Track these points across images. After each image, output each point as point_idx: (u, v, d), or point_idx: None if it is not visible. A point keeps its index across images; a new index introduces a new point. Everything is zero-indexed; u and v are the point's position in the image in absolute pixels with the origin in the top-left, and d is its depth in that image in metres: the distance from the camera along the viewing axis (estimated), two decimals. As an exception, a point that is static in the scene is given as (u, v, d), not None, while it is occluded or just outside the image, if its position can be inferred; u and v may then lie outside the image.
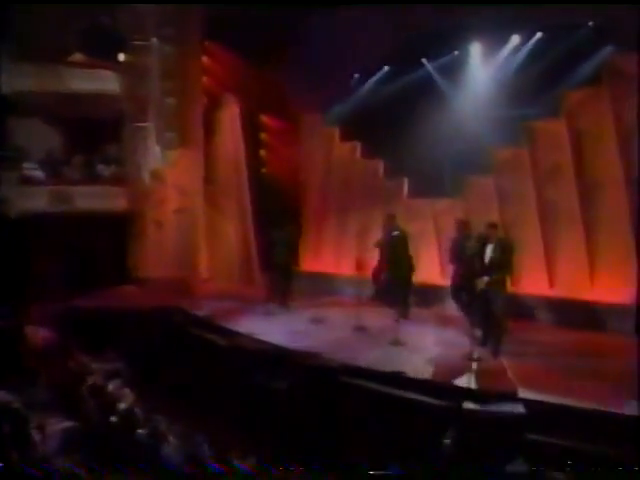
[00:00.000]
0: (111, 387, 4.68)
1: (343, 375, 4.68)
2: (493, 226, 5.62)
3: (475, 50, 8.50)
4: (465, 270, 5.95)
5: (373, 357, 5.41)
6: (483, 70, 8.57)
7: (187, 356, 5.83)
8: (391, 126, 9.04)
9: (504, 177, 7.42)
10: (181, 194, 10.02)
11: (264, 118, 11.04)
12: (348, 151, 9.45)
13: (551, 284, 7.02)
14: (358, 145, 9.37)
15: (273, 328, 6.66)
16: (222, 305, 8.11)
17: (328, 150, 9.67)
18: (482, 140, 7.85)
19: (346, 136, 9.56)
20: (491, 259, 5.35)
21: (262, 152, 11.16)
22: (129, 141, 10.07)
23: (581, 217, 6.78)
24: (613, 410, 3.81)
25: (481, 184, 7.63)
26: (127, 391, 4.59)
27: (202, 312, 7.30)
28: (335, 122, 9.72)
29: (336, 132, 9.67)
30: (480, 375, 4.59)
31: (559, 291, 6.87)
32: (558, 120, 6.99)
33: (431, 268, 7.97)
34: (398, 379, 4.34)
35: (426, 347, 5.73)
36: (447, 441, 3.47)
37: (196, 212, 10.16)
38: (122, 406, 4.11)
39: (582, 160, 6.81)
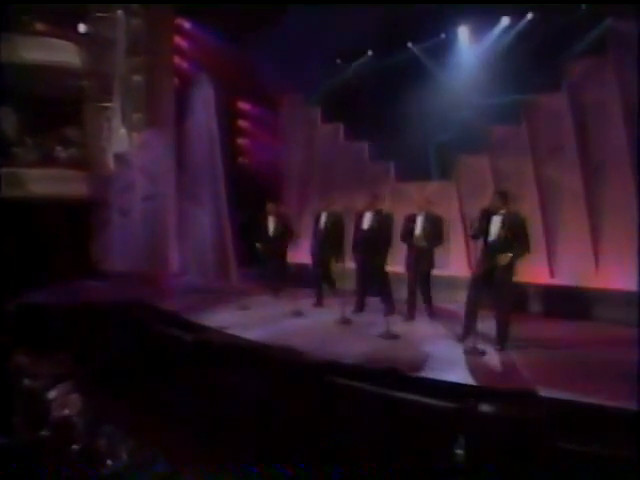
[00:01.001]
0: (54, 393, 3.91)
1: (328, 374, 3.99)
2: (502, 196, 4.77)
3: (464, 31, 8.00)
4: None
5: (361, 352, 4.74)
6: (473, 49, 8.04)
7: (149, 356, 5.06)
8: (376, 107, 8.43)
9: (501, 157, 6.85)
10: (149, 180, 9.19)
11: (242, 104, 10.33)
12: (330, 133, 8.78)
13: (552, 272, 6.47)
14: (341, 127, 8.72)
15: (249, 323, 5.94)
16: (193, 300, 7.34)
17: (309, 132, 8.98)
18: (476, 120, 7.32)
19: (328, 117, 8.89)
20: (497, 237, 4.68)
21: (240, 139, 10.44)
22: (91, 122, 9.20)
23: (585, 200, 6.25)
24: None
25: (475, 165, 7.05)
26: (74, 397, 3.83)
27: (170, 308, 6.52)
28: (317, 103, 9.03)
29: (318, 113, 9.00)
30: (487, 371, 3.97)
31: (561, 280, 6.32)
32: (559, 94, 6.45)
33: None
34: (393, 377, 3.67)
35: (422, 340, 5.07)
36: (459, 452, 2.82)
37: (166, 200, 9.34)
38: (59, 415, 3.36)
39: (586, 138, 6.29)
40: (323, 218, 6.69)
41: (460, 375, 4.03)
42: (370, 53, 8.96)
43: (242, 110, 10.40)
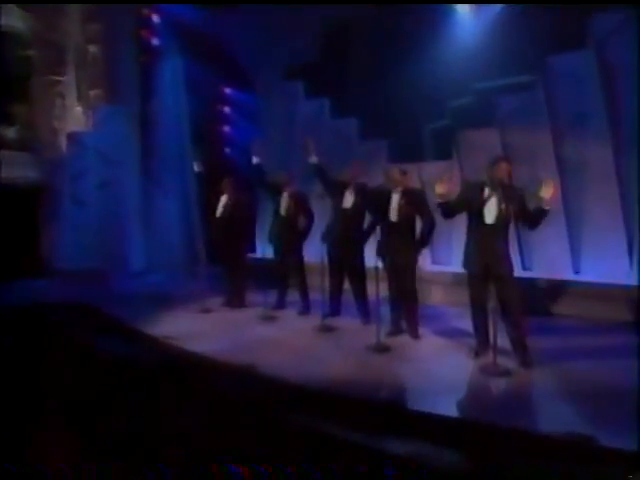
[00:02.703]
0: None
1: (302, 411, 2.85)
2: (502, 163, 3.65)
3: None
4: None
5: (347, 374, 3.62)
6: (478, 15, 6.95)
7: (67, 370, 3.90)
8: (366, 79, 7.32)
9: (512, 130, 5.76)
10: (107, 165, 8.04)
11: (220, 87, 9.20)
12: (315, 109, 7.66)
13: (576, 267, 5.39)
14: (326, 102, 7.61)
15: (207, 330, 4.82)
16: (150, 302, 6.20)
17: (290, 108, 7.85)
18: (482, 90, 6.23)
19: (312, 91, 7.77)
20: (495, 220, 3.56)
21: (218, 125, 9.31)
22: (40, 97, 8.03)
23: (616, 179, 5.18)
24: None
25: (482, 140, 5.94)
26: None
27: (113, 312, 5.35)
28: (298, 75, 7.90)
29: (300, 87, 7.87)
30: (519, 402, 2.86)
31: (588, 276, 5.24)
32: (584, 52, 5.36)
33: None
34: (393, 416, 2.52)
35: (423, 354, 3.96)
36: None
37: (126, 187, 8.19)
38: None
39: (615, 105, 5.22)
40: (284, 201, 5.35)
41: (480, 407, 2.93)
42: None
43: (221, 93, 9.27)
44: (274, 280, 5.47)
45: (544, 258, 5.46)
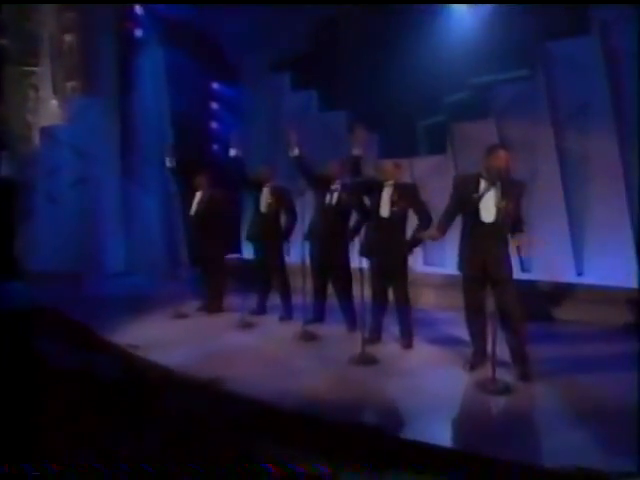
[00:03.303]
0: None
1: (264, 430, 2.48)
2: (500, 151, 3.25)
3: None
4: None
5: (326, 387, 3.23)
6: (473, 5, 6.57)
7: (17, 383, 3.50)
8: (356, 70, 6.93)
9: (510, 122, 5.39)
10: (83, 161, 7.62)
11: (204, 80, 8.78)
12: (302, 102, 7.27)
13: (579, 269, 5.03)
14: (314, 94, 7.22)
15: (179, 338, 4.42)
16: (122, 306, 5.80)
17: (277, 101, 7.46)
18: (478, 83, 5.86)
19: (299, 83, 7.39)
20: (494, 218, 3.15)
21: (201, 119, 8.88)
22: (13, 89, 7.60)
23: (623, 174, 4.81)
24: None
25: (477, 133, 5.57)
26: None
27: (79, 319, 4.94)
28: (285, 67, 7.51)
29: (286, 79, 7.49)
30: (522, 423, 2.48)
31: (592, 278, 4.87)
32: (588, 37, 4.99)
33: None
34: (378, 446, 2.14)
35: (412, 367, 3.57)
36: None
37: (104, 185, 7.78)
38: None
39: (622, 94, 4.85)
40: (264, 197, 4.91)
41: (477, 433, 2.54)
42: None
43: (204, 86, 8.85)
44: (254, 283, 5.07)
45: (544, 259, 5.08)
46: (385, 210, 3.91)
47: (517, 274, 3.71)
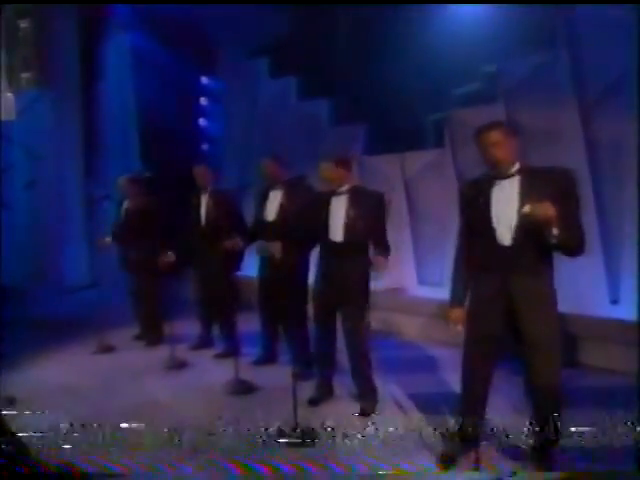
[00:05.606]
0: None
1: None
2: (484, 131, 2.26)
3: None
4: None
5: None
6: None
7: None
8: (339, 54, 5.91)
9: (522, 107, 4.25)
10: (36, 161, 6.78)
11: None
12: (280, 90, 6.27)
13: (614, 295, 3.85)
14: (293, 81, 6.21)
15: (80, 386, 3.43)
16: (56, 329, 4.91)
17: (253, 89, 6.49)
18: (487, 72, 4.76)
19: (278, 70, 6.39)
20: (519, 231, 2.11)
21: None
22: (-40, 81, 6.82)
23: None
24: None
25: (482, 121, 4.42)
26: None
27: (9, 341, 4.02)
28: (262, 52, 6.53)
29: (264, 65, 6.50)
30: None
31: (630, 308, 3.68)
32: (619, 8, 3.83)
33: (403, 268, 4.82)
34: None
35: (365, 448, 2.46)
36: None
37: (63, 187, 6.91)
38: None
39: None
40: (203, 205, 3.86)
41: None
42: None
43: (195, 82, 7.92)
44: (196, 310, 4.07)
45: (569, 284, 3.91)
46: (338, 234, 2.83)
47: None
